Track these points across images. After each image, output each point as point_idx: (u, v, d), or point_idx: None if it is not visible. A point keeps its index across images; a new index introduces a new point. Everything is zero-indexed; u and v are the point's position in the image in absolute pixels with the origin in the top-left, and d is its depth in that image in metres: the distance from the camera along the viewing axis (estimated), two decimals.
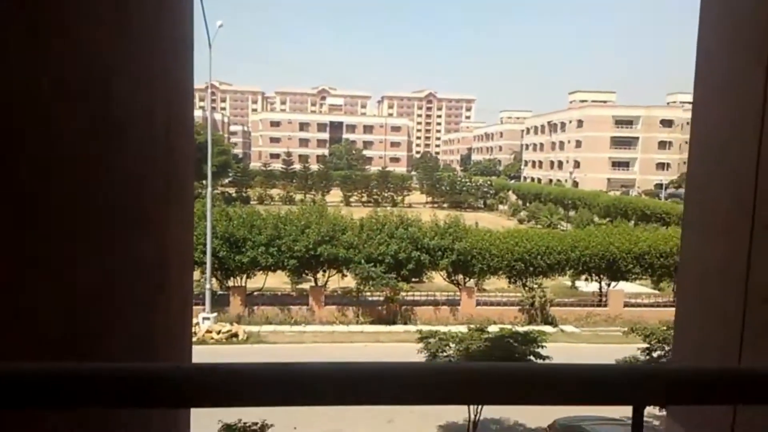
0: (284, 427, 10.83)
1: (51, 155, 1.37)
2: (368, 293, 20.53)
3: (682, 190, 67.31)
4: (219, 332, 17.71)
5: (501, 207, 63.29)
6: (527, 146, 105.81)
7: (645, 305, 22.16)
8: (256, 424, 10.11)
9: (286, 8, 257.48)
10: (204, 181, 27.15)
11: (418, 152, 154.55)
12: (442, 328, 17.70)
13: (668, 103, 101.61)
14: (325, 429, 11.88)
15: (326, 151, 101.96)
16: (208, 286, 18.67)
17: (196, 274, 20.21)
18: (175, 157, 2.39)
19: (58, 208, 1.40)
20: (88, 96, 1.57)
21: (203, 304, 18.71)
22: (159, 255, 2.39)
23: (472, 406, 10.79)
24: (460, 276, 21.21)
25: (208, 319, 18.17)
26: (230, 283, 20.43)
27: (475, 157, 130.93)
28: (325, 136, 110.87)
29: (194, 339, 17.26)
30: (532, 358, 10.81)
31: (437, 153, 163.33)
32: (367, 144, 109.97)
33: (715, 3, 2.45)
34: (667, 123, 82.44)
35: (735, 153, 2.21)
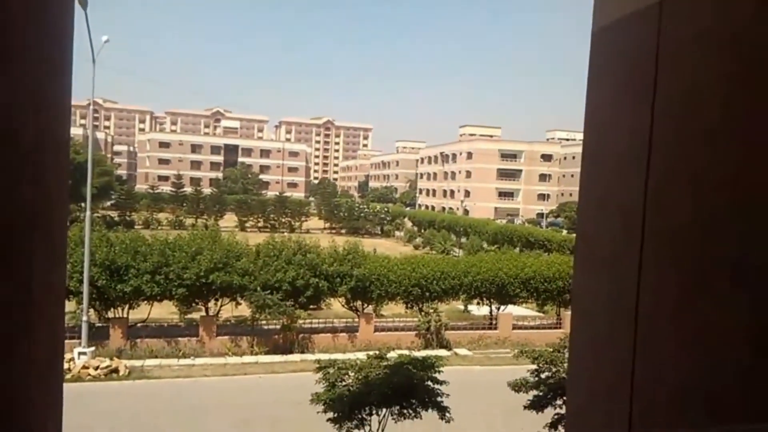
0: None
1: None
2: (264, 322, 19.82)
3: (560, 219, 72.76)
4: (97, 368, 16.15)
5: (397, 233, 64.53)
6: (422, 175, 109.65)
7: (531, 327, 23.41)
8: None
9: (181, 28, 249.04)
10: (82, 204, 25.05)
11: (316, 178, 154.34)
12: (341, 356, 17.50)
13: (548, 139, 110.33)
14: None
15: (220, 175, 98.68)
16: (84, 318, 17.05)
17: (72, 305, 18.40)
18: (45, 179, 2.10)
19: None
20: None
21: (79, 338, 17.03)
22: (24, 290, 2.07)
23: None
24: (359, 302, 21.15)
25: (84, 354, 16.54)
26: (110, 314, 18.80)
27: (372, 184, 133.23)
28: (220, 158, 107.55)
29: (69, 376, 15.64)
30: (430, 383, 10.90)
31: (335, 179, 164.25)
32: (264, 168, 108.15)
33: (604, 37, 2.56)
34: (547, 157, 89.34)
35: (623, 188, 2.31)
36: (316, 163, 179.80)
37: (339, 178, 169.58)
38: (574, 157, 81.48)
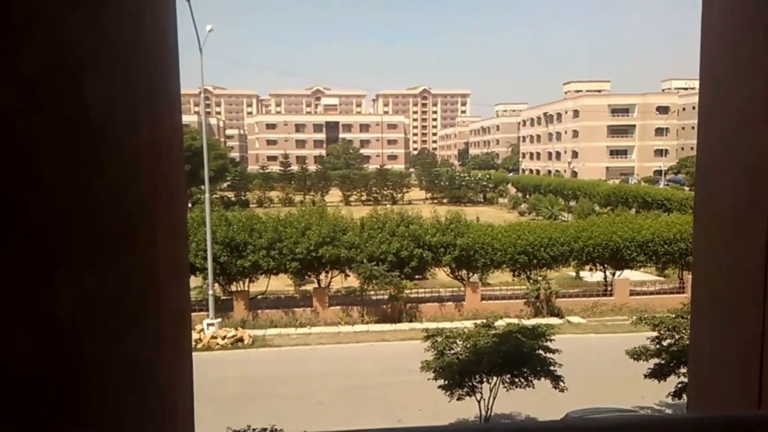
0: None
1: (21, 173, 1.23)
2: (372, 292, 20.40)
3: (681, 176, 67.18)
4: (224, 338, 17.58)
5: (501, 200, 63.16)
6: (524, 138, 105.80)
7: (651, 293, 22.05)
8: (265, 429, 9.96)
9: (276, 10, 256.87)
10: (202, 187, 27.02)
11: (415, 149, 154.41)
12: (448, 325, 17.63)
13: (663, 90, 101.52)
14: None
15: (323, 152, 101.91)
16: (210, 292, 18.55)
17: (199, 281, 20.07)
18: (162, 165, 2.25)
19: (33, 229, 1.27)
20: (62, 108, 1.44)
21: (207, 310, 18.59)
22: (150, 269, 2.25)
23: (482, 401, 10.69)
24: (464, 271, 21.08)
25: (212, 325, 18.05)
26: (233, 288, 20.30)
27: (472, 151, 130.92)
28: (322, 136, 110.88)
29: (200, 345, 17.16)
30: (540, 352, 10.68)
31: (434, 149, 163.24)
32: (364, 143, 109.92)
33: None
34: (663, 110, 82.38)
35: (745, 141, 2.10)
36: (415, 134, 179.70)
37: (438, 148, 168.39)
38: (693, 108, 74.41)
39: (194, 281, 20.36)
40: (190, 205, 52.51)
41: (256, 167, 78.61)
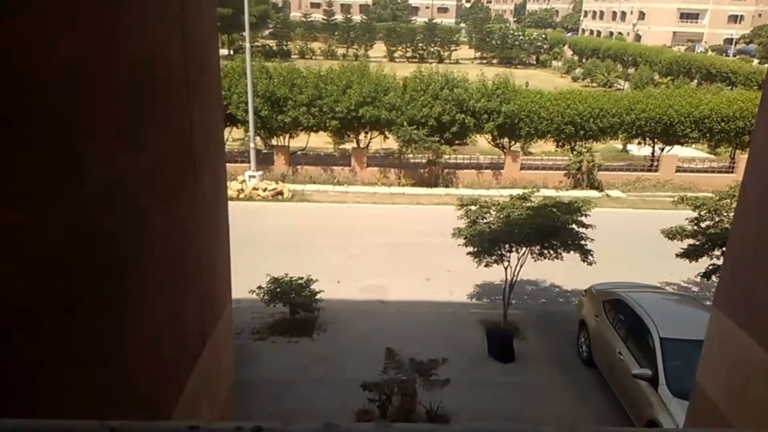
0: (328, 281, 11.46)
1: (35, 49, 1.20)
2: (410, 156, 20.39)
3: (753, 46, 61.38)
4: (265, 190, 18.24)
5: (555, 63, 59.68)
6: None
7: (698, 170, 21.34)
8: (302, 278, 10.69)
9: None
10: (243, 34, 26.24)
11: (468, 1, 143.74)
12: (485, 192, 17.75)
13: None
14: (367, 283, 12.54)
15: (369, 1, 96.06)
16: (252, 144, 18.88)
17: (240, 133, 20.38)
18: (191, 27, 2.14)
19: (54, 105, 1.27)
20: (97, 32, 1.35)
21: (249, 162, 19.09)
22: (183, 142, 2.25)
23: (509, 269, 11.05)
24: (506, 139, 20.64)
25: (254, 177, 18.63)
26: (273, 143, 20.58)
27: (530, 6, 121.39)
28: None
29: (242, 196, 17.93)
30: (574, 226, 10.72)
31: (489, 1, 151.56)
32: None
33: None
34: None
35: None
36: None
37: (493, 1, 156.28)
38: None
39: (236, 133, 20.68)
40: (231, 52, 51.56)
41: (299, 14, 75.28)
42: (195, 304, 2.47)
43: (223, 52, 52.62)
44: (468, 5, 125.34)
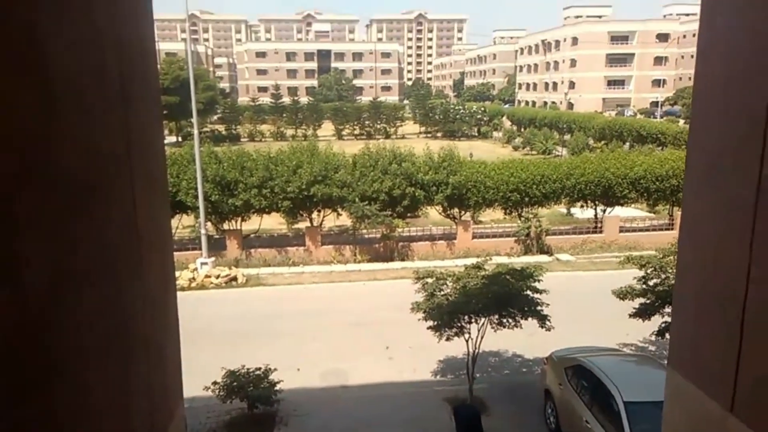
0: (287, 369, 11.05)
1: None
2: (364, 231, 20.52)
3: (677, 107, 66.37)
4: (218, 276, 17.80)
5: (495, 134, 62.56)
6: (521, 68, 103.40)
7: (640, 229, 22.31)
8: (260, 369, 10.27)
9: None
10: (192, 120, 26.43)
11: (409, 79, 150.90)
12: (440, 263, 17.91)
13: (664, 16, 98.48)
14: (328, 368, 12.16)
15: (315, 82, 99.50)
16: (203, 230, 18.59)
17: (191, 219, 20.08)
18: (135, 114, 2.11)
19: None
20: (12, 59, 1.31)
21: (200, 249, 18.70)
22: (128, 226, 2.15)
23: (471, 341, 10.98)
24: (456, 210, 21.15)
25: (206, 264, 18.22)
26: (225, 227, 20.35)
27: (468, 81, 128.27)
28: (313, 65, 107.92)
29: (194, 284, 17.40)
30: (529, 292, 10.87)
31: (429, 79, 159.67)
32: (357, 72, 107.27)
33: None
34: (663, 37, 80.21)
35: (745, 86, 2.02)
36: (410, 63, 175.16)
37: (433, 78, 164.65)
38: (694, 35, 72.37)
39: (186, 220, 20.37)
40: (180, 139, 51.69)
41: (247, 99, 76.90)
42: (142, 407, 2.30)
43: (171, 139, 52.69)
44: (410, 83, 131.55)
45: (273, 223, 21.88)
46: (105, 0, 1.88)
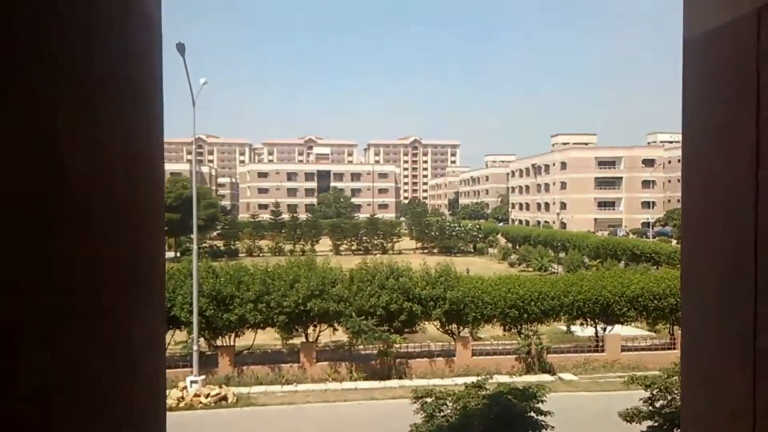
0: None
1: None
2: (361, 347, 20.04)
3: (669, 228, 67.89)
4: (207, 396, 17.05)
5: (491, 251, 63.24)
6: (513, 189, 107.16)
7: (642, 348, 21.86)
8: None
9: (270, 61, 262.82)
10: (192, 236, 26.83)
11: (406, 198, 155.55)
12: (439, 381, 17.31)
13: (649, 143, 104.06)
14: None
15: (314, 200, 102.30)
16: (195, 347, 18.12)
17: (183, 335, 19.63)
18: (141, 228, 2.18)
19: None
20: (30, 161, 1.36)
21: (191, 366, 18.10)
22: (123, 341, 2.13)
23: None
24: (454, 325, 20.83)
25: (195, 382, 17.54)
26: (218, 343, 19.86)
27: (462, 201, 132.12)
28: (313, 185, 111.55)
29: (182, 404, 16.62)
30: (532, 414, 10.43)
31: (425, 198, 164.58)
32: (355, 191, 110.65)
33: (698, 47, 2.45)
34: (648, 162, 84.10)
35: (728, 198, 2.13)
36: (406, 183, 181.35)
37: (429, 197, 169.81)
38: (679, 160, 75.99)
39: (179, 336, 19.91)
40: (178, 254, 51.99)
41: (247, 215, 78.54)
42: None
43: (170, 254, 53.01)
44: (406, 201, 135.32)
45: (267, 338, 21.40)
46: (120, 120, 2.02)
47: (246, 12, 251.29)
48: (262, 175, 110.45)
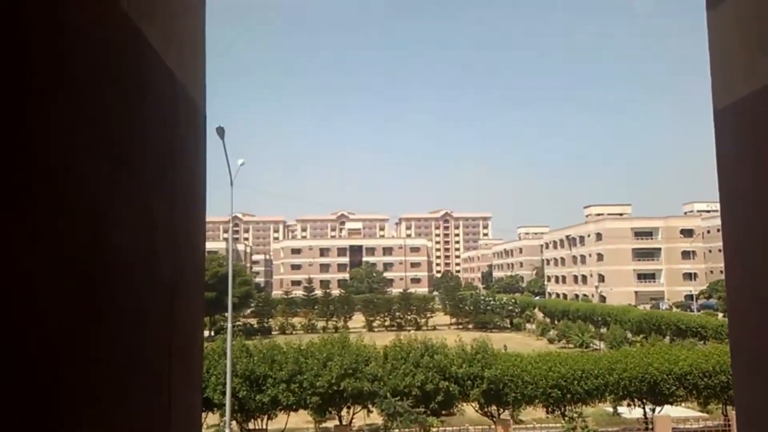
0: None
1: (21, 307, 1.21)
2: (396, 430, 19.29)
3: (713, 300, 65.12)
4: None
5: (528, 326, 61.45)
6: (548, 261, 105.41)
7: (695, 431, 20.42)
8: None
9: (305, 141, 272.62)
10: (226, 314, 27.01)
11: (438, 271, 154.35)
12: None
13: (685, 213, 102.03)
14: None
15: (347, 276, 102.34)
16: (227, 430, 17.76)
17: (216, 418, 19.33)
18: (180, 308, 2.23)
19: (31, 365, 1.18)
20: (75, 255, 1.42)
21: None
22: (162, 419, 2.15)
23: None
24: (494, 407, 19.96)
25: None
26: (251, 426, 19.43)
27: (496, 273, 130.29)
28: (345, 260, 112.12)
29: None
30: None
31: (458, 271, 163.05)
32: (387, 266, 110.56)
33: (728, 116, 2.40)
34: (687, 233, 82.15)
35: None
36: (438, 257, 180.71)
37: (461, 270, 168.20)
38: (718, 230, 73.91)
39: (212, 418, 19.62)
40: (212, 333, 52.15)
41: (280, 292, 78.97)
42: None
43: (205, 333, 53.19)
44: (438, 275, 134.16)
45: (299, 421, 20.86)
46: (166, 200, 2.10)
47: (279, 91, 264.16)
48: (296, 251, 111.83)
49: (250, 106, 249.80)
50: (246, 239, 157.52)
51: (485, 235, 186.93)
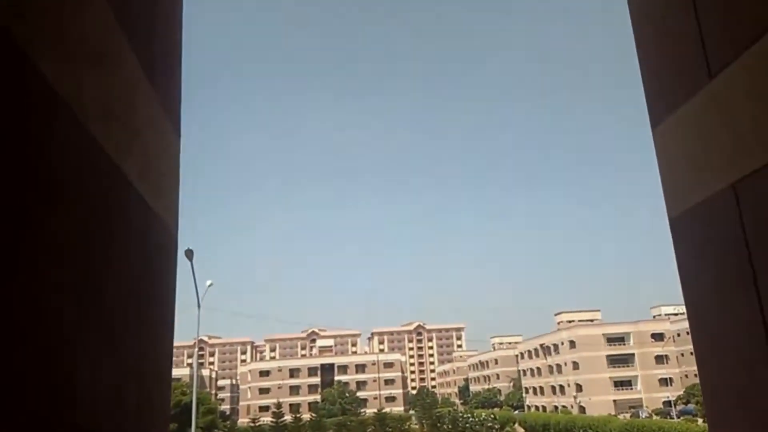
0: None
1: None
2: None
3: (692, 406, 64.05)
4: None
5: None
6: (524, 372, 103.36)
7: None
8: None
9: (273, 258, 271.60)
10: None
11: (413, 387, 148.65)
12: None
13: (654, 317, 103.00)
14: None
15: (318, 397, 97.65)
16: None
17: None
18: None
19: None
20: (41, 391, 1.40)
21: None
22: None
23: None
24: None
25: None
26: None
27: (473, 387, 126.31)
28: (317, 380, 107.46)
29: None
30: None
31: (433, 386, 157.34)
32: (361, 384, 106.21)
33: (682, 224, 2.40)
34: (658, 336, 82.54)
35: (748, 378, 2.02)
36: (412, 371, 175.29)
37: (437, 385, 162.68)
38: (687, 333, 74.57)
39: None
40: None
41: (247, 419, 74.32)
42: None
43: None
44: (414, 392, 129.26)
45: None
46: (134, 326, 2.11)
47: (242, 206, 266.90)
48: (264, 373, 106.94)
49: (217, 226, 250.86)
50: (212, 363, 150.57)
51: (459, 346, 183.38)
